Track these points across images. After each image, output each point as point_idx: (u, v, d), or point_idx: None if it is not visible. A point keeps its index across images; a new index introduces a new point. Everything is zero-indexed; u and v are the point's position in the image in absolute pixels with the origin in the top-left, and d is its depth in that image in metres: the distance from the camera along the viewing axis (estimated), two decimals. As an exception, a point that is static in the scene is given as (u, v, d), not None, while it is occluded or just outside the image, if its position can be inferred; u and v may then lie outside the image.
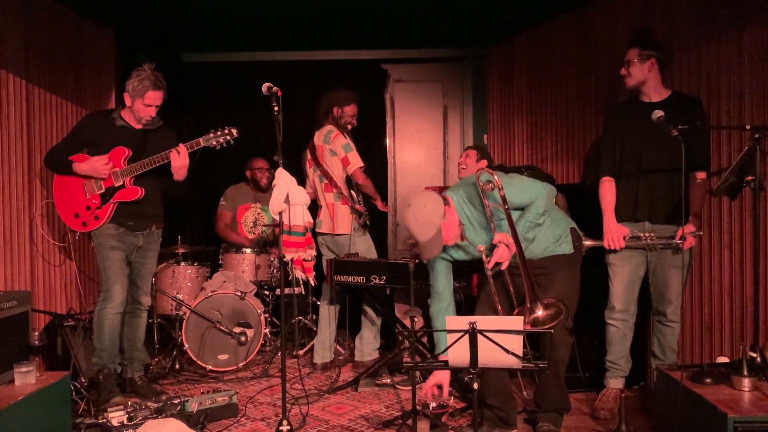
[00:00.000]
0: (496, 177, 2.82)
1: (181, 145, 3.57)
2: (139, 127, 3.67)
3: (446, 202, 2.89)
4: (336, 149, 4.24)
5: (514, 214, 2.87)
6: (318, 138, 4.34)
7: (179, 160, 3.55)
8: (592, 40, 4.41)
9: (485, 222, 2.93)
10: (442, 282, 3.12)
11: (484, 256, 2.87)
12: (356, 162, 4.22)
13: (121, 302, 3.61)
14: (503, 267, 2.87)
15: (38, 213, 3.99)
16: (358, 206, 4.27)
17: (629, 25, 3.94)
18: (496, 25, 5.15)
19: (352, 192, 4.31)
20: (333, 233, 4.28)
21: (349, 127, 4.35)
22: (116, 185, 3.59)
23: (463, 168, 4.24)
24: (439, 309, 3.11)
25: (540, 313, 2.76)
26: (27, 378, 2.98)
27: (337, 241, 4.28)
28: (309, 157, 4.40)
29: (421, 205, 2.81)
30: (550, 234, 3.01)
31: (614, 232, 3.34)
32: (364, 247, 4.30)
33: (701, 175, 3.29)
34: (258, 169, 5.34)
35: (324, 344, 4.38)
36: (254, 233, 5.33)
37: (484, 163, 4.12)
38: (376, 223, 4.49)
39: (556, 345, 2.98)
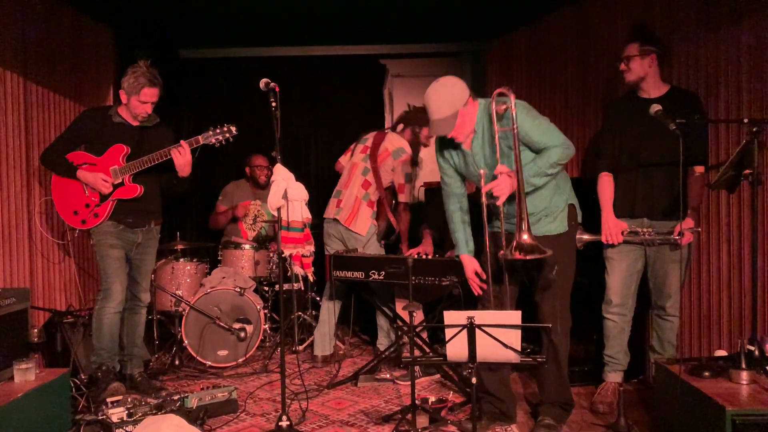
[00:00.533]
0: (512, 96, 2.80)
1: (182, 141, 3.56)
2: (136, 124, 3.66)
3: (474, 98, 2.92)
4: (398, 171, 4.25)
5: (527, 158, 2.84)
6: (389, 142, 4.29)
7: (182, 158, 3.54)
8: (591, 34, 4.41)
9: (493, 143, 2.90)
10: (454, 182, 3.14)
11: (482, 182, 2.84)
12: (408, 198, 4.31)
13: (120, 301, 3.61)
14: (499, 202, 2.80)
15: (37, 210, 3.99)
16: (394, 221, 4.30)
17: (628, 20, 3.93)
18: (495, 20, 5.14)
19: (394, 202, 4.33)
20: (348, 227, 4.24)
21: (422, 147, 4.39)
22: (115, 183, 3.59)
23: None
24: (453, 210, 3.16)
25: (526, 237, 2.71)
26: (26, 375, 2.99)
27: (351, 236, 4.23)
28: (369, 143, 4.31)
29: (450, 83, 2.86)
30: (548, 196, 2.96)
31: (612, 227, 3.33)
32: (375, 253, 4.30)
33: (700, 170, 3.29)
34: (257, 167, 5.34)
35: (324, 337, 4.37)
36: (254, 230, 5.33)
37: None
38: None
39: (553, 330, 2.94)
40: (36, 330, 3.33)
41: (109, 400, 3.16)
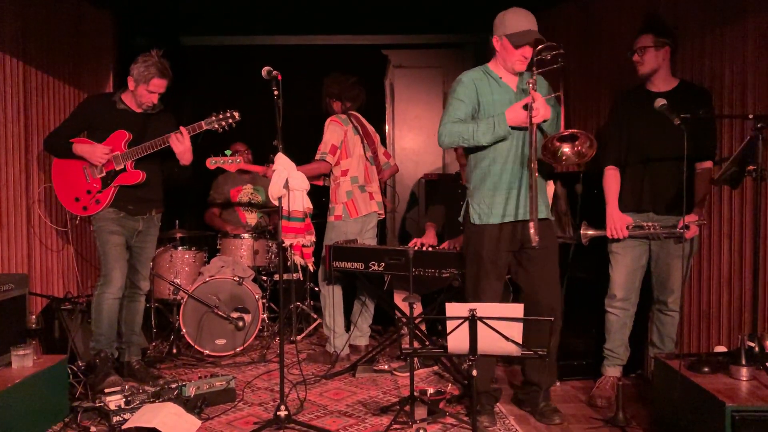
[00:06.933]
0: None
1: (182, 128, 3.54)
2: (139, 110, 3.64)
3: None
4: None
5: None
6: (365, 120, 4.32)
7: (180, 145, 3.53)
8: (595, 26, 4.38)
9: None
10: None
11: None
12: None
13: (120, 287, 3.60)
14: (535, 120, 2.93)
15: (37, 197, 3.97)
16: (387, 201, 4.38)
17: (633, 13, 3.91)
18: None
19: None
20: (382, 214, 4.31)
21: None
22: (117, 169, 3.57)
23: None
24: None
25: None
26: (24, 361, 2.99)
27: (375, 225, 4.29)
28: (361, 132, 4.26)
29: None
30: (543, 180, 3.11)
31: (617, 222, 3.31)
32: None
33: (707, 165, 3.27)
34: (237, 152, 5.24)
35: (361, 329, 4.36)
36: (252, 213, 5.29)
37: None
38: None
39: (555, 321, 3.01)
40: (34, 316, 3.31)
41: (107, 390, 3.15)
